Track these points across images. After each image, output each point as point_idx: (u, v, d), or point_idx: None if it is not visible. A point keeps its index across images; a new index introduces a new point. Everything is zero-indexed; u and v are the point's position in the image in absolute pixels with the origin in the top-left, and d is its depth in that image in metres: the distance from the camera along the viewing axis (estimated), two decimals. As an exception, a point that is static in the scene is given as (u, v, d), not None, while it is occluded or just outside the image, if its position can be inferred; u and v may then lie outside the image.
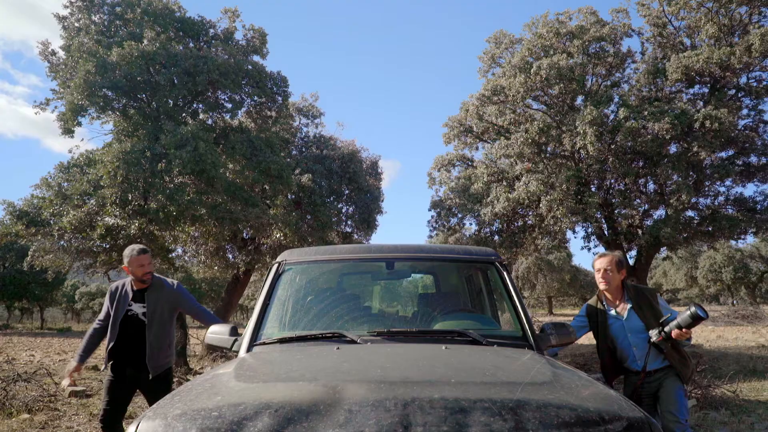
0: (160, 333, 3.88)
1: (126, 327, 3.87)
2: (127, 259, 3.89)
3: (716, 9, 10.25)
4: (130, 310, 3.90)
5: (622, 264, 3.53)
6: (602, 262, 3.51)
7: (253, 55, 11.92)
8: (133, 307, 3.91)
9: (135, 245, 3.98)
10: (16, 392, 7.15)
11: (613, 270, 3.46)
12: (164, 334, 3.93)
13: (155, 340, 3.84)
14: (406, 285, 4.69)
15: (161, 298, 3.94)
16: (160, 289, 3.97)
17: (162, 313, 3.92)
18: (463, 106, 13.45)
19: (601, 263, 3.51)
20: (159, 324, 3.89)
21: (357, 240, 15.19)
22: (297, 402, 1.59)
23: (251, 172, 11.21)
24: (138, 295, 3.94)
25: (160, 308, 3.90)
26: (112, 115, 10.89)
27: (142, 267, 3.87)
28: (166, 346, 3.96)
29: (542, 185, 10.83)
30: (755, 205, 11.42)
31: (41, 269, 11.70)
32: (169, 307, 3.98)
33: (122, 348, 3.86)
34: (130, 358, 3.85)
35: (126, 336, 3.86)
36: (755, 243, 36.72)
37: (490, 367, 2.03)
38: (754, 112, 11.36)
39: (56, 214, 9.70)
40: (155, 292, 3.94)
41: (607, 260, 3.51)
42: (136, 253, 3.85)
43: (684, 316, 3.12)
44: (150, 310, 3.87)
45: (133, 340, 3.84)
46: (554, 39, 11.22)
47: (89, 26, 10.66)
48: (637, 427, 1.58)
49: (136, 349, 3.82)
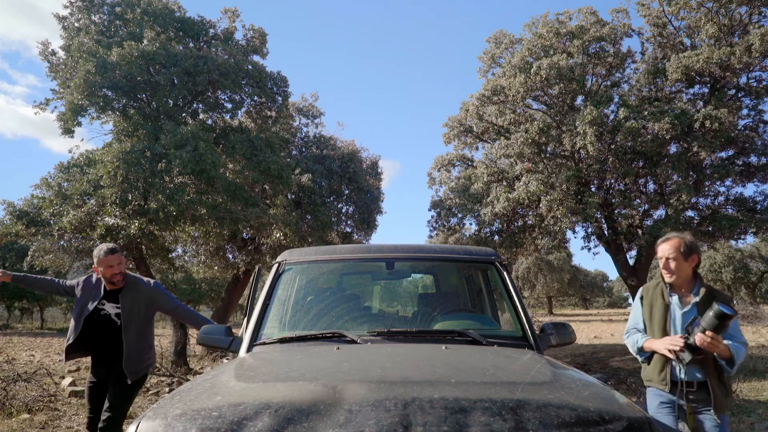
0: (138, 335, 3.66)
1: (96, 327, 3.64)
2: (95, 260, 3.64)
3: (716, 9, 10.25)
4: (102, 310, 3.66)
5: (692, 249, 2.80)
6: (664, 249, 2.80)
7: (253, 55, 11.92)
8: (105, 307, 3.67)
9: (104, 245, 3.71)
10: (16, 392, 7.15)
11: (679, 258, 2.78)
12: (143, 336, 3.71)
13: (134, 343, 3.62)
14: (406, 285, 4.70)
15: (137, 298, 3.69)
16: (136, 288, 3.72)
17: (139, 314, 3.68)
18: (463, 106, 13.45)
19: (663, 250, 2.81)
20: (137, 326, 3.66)
21: (357, 240, 15.19)
22: (297, 402, 1.59)
23: (251, 172, 11.21)
24: (111, 295, 3.69)
25: (136, 309, 3.67)
26: (112, 115, 10.90)
27: (111, 268, 3.60)
28: (146, 348, 3.76)
29: (542, 185, 10.83)
30: (755, 205, 11.42)
31: (41, 269, 11.69)
32: (146, 307, 3.74)
33: (97, 350, 3.68)
34: (106, 362, 3.65)
35: (98, 337, 3.65)
36: (755, 243, 36.71)
37: (490, 367, 2.03)
38: (754, 112, 11.36)
39: (56, 214, 9.70)
40: (130, 292, 3.69)
41: (671, 246, 2.78)
42: (103, 254, 3.58)
43: (708, 317, 2.52)
44: (125, 311, 3.63)
45: (109, 342, 3.63)
46: (554, 39, 11.21)
47: (89, 26, 10.66)
48: (637, 427, 1.58)
49: (112, 353, 3.61)
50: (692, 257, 2.78)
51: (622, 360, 11.26)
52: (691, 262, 2.79)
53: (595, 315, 43.32)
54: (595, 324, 27.51)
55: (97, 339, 3.67)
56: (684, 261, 2.77)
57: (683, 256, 2.76)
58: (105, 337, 3.65)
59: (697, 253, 2.81)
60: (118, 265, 3.63)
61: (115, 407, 3.56)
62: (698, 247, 2.88)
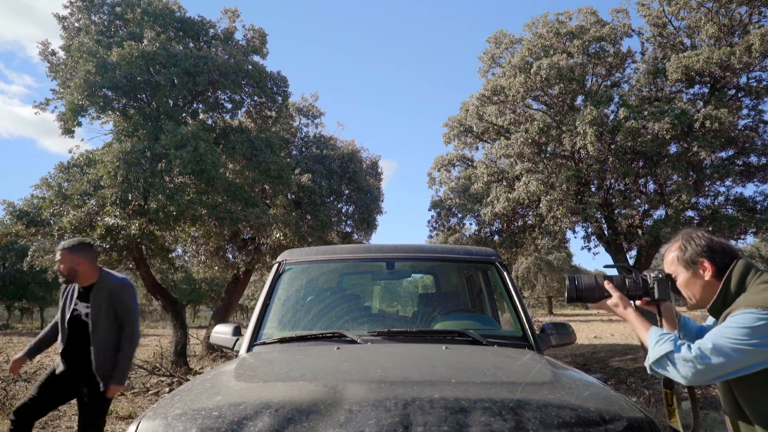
0: (106, 335, 3.41)
1: (73, 329, 3.46)
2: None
3: (716, 9, 10.25)
4: (76, 310, 3.48)
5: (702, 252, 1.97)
6: (664, 262, 2.10)
7: (253, 55, 11.92)
8: (78, 307, 3.48)
9: (68, 240, 3.56)
10: (16, 392, 7.15)
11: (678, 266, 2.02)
12: (112, 337, 3.45)
13: (102, 345, 3.38)
14: (406, 285, 4.70)
15: (103, 295, 3.45)
16: (104, 284, 3.49)
17: (107, 312, 3.44)
18: (463, 106, 13.46)
19: (665, 259, 2.10)
20: (105, 325, 3.42)
21: (357, 240, 15.19)
22: (297, 402, 1.59)
23: (251, 172, 11.22)
24: (84, 294, 3.49)
25: (104, 307, 3.44)
26: (112, 115, 10.90)
27: (57, 261, 3.45)
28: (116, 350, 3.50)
29: (542, 185, 10.83)
30: (755, 205, 11.42)
31: (41, 269, 11.68)
32: (111, 305, 3.47)
33: (70, 352, 3.47)
34: (76, 363, 3.43)
35: (73, 339, 3.46)
36: (755, 243, 36.70)
37: (490, 367, 2.03)
38: (754, 112, 11.35)
39: (56, 214, 9.70)
40: (99, 289, 3.46)
41: (668, 255, 2.07)
42: (59, 248, 3.46)
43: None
44: (93, 310, 3.41)
45: (80, 344, 3.42)
46: (554, 39, 11.22)
47: (89, 26, 10.67)
48: (637, 427, 1.58)
49: (82, 355, 3.40)
50: (702, 263, 1.94)
51: (622, 360, 11.26)
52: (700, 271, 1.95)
53: (595, 315, 43.33)
54: (595, 324, 27.50)
55: (72, 341, 3.49)
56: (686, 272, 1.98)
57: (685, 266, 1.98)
58: (78, 340, 3.45)
59: (707, 258, 1.95)
60: (62, 260, 3.43)
61: (90, 427, 3.34)
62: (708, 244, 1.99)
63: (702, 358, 1.71)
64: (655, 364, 1.81)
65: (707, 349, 1.71)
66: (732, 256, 1.96)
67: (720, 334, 1.74)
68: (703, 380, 1.75)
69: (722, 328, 1.76)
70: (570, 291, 2.09)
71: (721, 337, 1.73)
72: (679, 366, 1.75)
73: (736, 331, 1.71)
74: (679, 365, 1.74)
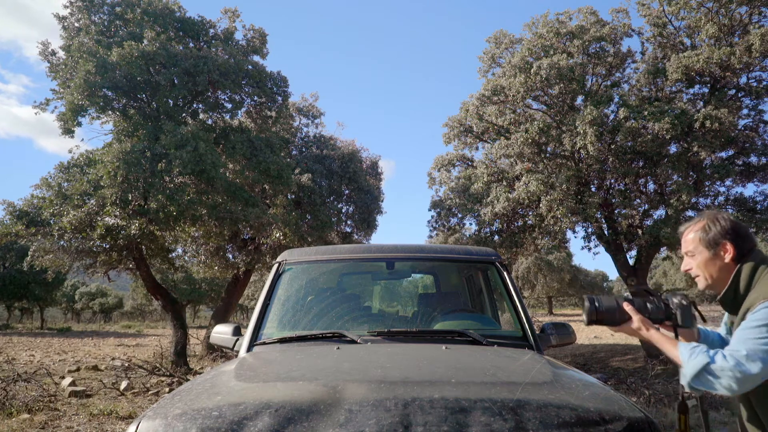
0: None
1: None
2: None
3: (716, 9, 10.24)
4: None
5: (723, 235, 1.94)
6: (683, 240, 2.05)
7: (253, 55, 11.92)
8: None
9: None
10: (16, 392, 7.16)
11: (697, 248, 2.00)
12: None
13: None
14: (406, 285, 4.70)
15: None
16: None
17: None
18: (463, 106, 13.45)
19: (683, 241, 2.06)
20: None
21: (357, 240, 15.19)
22: (297, 402, 1.59)
23: (251, 172, 11.22)
24: None
25: None
26: (112, 115, 10.90)
27: None
28: None
29: (542, 185, 10.82)
30: (755, 205, 11.42)
31: (41, 269, 11.68)
32: None
33: None
34: None
35: None
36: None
37: (490, 367, 2.03)
38: (754, 112, 11.35)
39: (56, 214, 9.70)
40: None
41: (690, 234, 2.02)
42: None
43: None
44: None
45: None
46: (554, 39, 11.21)
47: (89, 26, 10.66)
48: (637, 427, 1.58)
49: None
50: (723, 245, 1.93)
51: (622, 360, 11.26)
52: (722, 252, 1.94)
53: (595, 315, 43.18)
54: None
55: None
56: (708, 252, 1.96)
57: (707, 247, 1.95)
58: None
59: (730, 240, 1.93)
60: None
61: None
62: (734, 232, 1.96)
63: (739, 366, 1.67)
64: (694, 381, 1.74)
65: (742, 357, 1.67)
66: (753, 244, 1.96)
67: (748, 336, 1.71)
68: (746, 388, 1.71)
69: (748, 329, 1.73)
70: (590, 313, 2.00)
71: (750, 339, 1.70)
72: (720, 378, 1.69)
73: (763, 330, 1.70)
74: (720, 377, 1.69)
